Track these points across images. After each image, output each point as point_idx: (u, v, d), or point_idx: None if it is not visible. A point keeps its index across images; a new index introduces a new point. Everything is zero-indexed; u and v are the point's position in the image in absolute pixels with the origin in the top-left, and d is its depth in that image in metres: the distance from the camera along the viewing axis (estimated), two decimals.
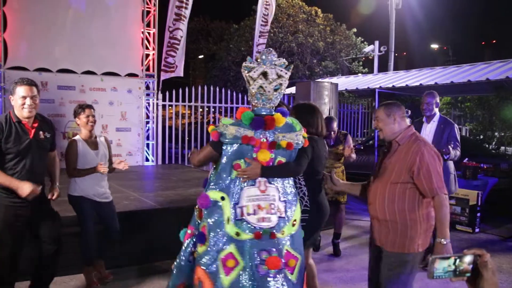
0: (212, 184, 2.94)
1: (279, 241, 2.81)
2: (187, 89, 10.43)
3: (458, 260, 1.38)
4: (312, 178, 3.49)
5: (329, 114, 6.66)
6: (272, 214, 2.82)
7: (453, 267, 1.39)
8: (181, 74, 10.29)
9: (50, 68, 8.68)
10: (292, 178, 3.03)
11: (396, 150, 2.94)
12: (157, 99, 10.16)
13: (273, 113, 2.91)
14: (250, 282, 2.70)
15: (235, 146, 2.81)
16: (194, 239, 2.95)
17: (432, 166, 2.83)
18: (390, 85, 10.07)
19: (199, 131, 10.85)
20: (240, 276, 2.71)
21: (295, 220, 2.93)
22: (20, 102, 3.28)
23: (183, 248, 3.01)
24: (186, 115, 11.12)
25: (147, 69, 10.06)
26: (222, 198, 2.81)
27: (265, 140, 2.83)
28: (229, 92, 11.25)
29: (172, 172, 8.48)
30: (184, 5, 9.77)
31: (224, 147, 2.84)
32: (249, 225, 2.76)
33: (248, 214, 2.79)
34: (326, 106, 6.64)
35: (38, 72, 8.53)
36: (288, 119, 2.98)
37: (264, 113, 2.87)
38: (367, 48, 17.19)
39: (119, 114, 9.43)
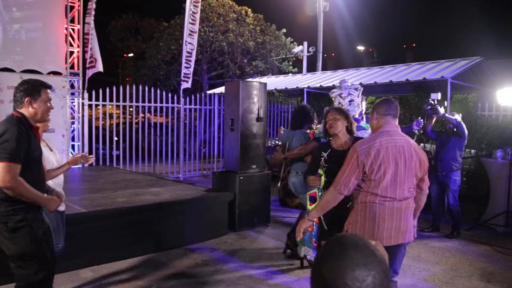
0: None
1: None
2: (114, 88, 10.12)
3: None
4: None
5: (258, 114, 6.72)
6: None
7: None
8: (101, 69, 10.01)
9: None
10: None
11: None
12: (83, 99, 9.78)
13: None
14: None
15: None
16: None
17: (345, 164, 3.03)
18: (318, 85, 10.36)
19: (128, 131, 10.57)
20: None
21: None
22: (48, 106, 3.04)
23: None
24: (114, 115, 10.78)
25: (72, 67, 9.65)
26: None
27: None
28: (158, 91, 11.04)
29: (99, 174, 8.19)
30: None
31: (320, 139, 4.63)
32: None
33: None
34: (255, 105, 6.70)
35: None
36: (362, 124, 4.50)
37: None
38: (296, 49, 17.50)
39: None
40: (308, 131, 5.24)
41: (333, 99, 4.71)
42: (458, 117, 6.52)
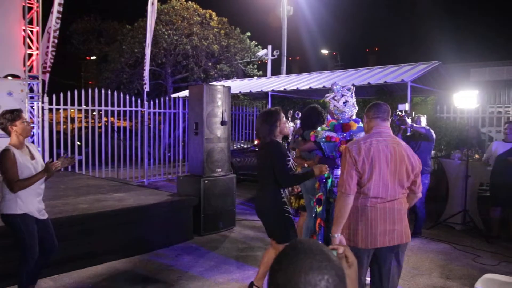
0: None
1: None
2: (76, 92, 9.89)
3: None
4: None
5: (223, 117, 6.72)
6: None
7: None
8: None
9: None
10: None
11: None
12: (43, 103, 9.52)
13: (349, 121, 4.26)
14: None
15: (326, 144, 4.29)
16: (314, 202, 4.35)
17: (342, 165, 3.06)
18: (282, 88, 10.44)
19: (90, 136, 10.36)
20: None
21: None
22: None
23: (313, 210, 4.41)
24: (75, 119, 10.53)
25: (30, 70, 9.38)
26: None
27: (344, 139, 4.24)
28: (122, 95, 10.87)
29: (61, 180, 7.99)
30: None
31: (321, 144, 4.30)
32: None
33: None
34: (219, 109, 6.70)
35: None
36: (361, 124, 4.24)
37: (342, 122, 4.24)
38: (261, 52, 17.60)
39: None
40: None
41: (328, 103, 4.71)
42: (423, 120, 6.71)
